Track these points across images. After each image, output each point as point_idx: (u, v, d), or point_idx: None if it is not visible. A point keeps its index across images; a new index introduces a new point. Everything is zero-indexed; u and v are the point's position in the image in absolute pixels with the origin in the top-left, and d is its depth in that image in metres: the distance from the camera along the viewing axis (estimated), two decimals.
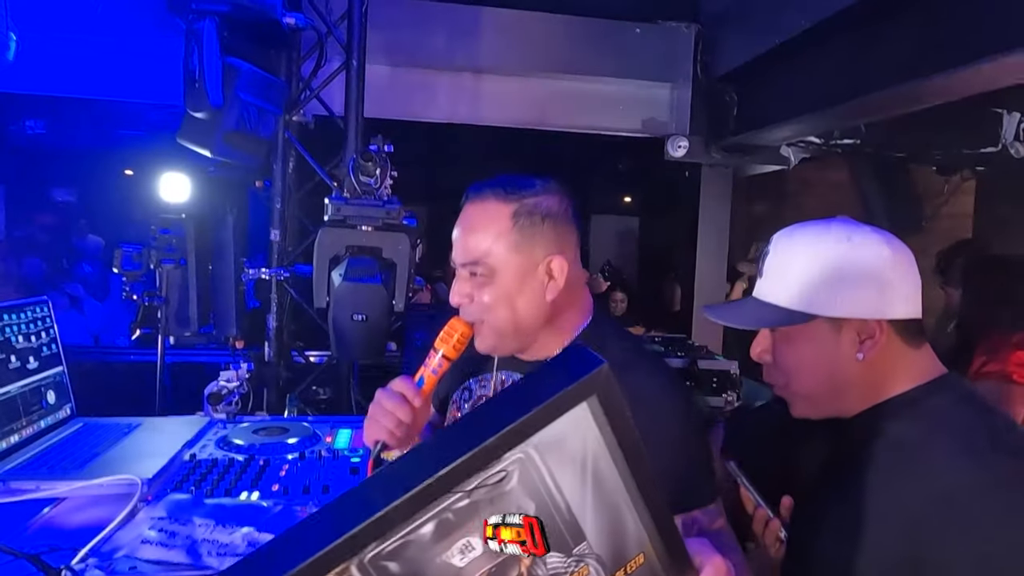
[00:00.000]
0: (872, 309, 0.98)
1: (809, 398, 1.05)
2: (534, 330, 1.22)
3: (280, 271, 2.84)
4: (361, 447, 1.60)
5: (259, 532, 1.11)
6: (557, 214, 1.20)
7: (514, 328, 1.20)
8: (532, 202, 1.18)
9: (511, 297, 1.18)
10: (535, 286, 1.19)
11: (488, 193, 1.20)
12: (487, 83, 4.02)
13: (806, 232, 1.04)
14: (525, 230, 1.17)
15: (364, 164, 2.37)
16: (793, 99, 3.59)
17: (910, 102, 3.03)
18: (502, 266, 1.17)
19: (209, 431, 1.67)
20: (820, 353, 1.01)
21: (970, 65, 2.41)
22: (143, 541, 1.07)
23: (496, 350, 1.25)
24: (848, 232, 1.01)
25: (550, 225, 1.19)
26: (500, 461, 0.59)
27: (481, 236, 1.18)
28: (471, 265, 1.19)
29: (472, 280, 1.19)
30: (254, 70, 2.32)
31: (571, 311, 1.25)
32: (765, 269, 1.06)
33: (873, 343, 0.98)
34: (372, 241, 2.40)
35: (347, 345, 2.41)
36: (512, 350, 1.25)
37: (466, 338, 1.19)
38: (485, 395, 1.35)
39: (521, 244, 1.17)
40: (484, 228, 1.18)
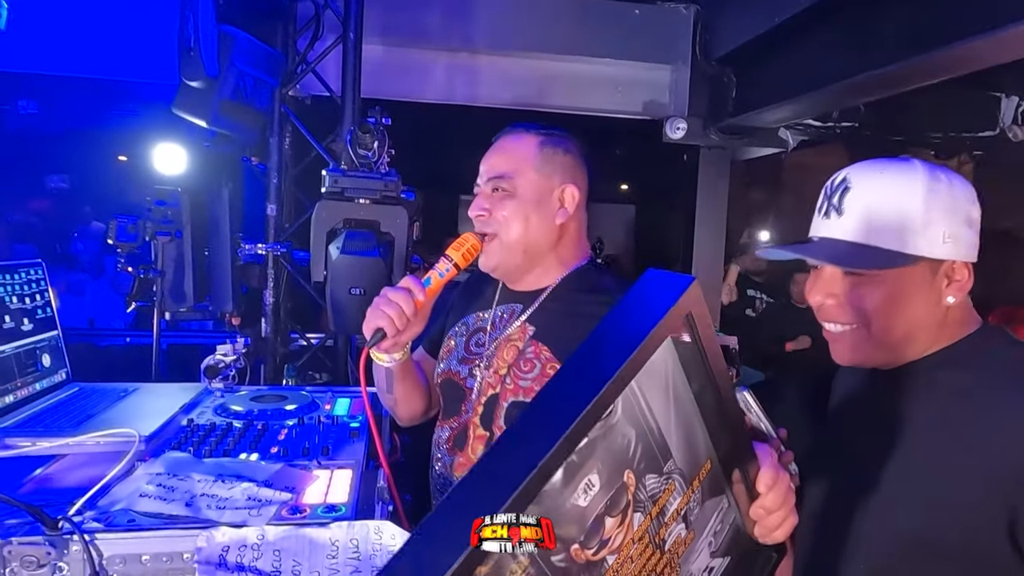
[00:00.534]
0: (966, 251, 0.95)
1: (883, 343, 0.99)
2: (539, 253, 1.34)
3: (276, 246, 2.81)
4: (360, 413, 1.59)
5: (259, 487, 1.10)
6: (575, 152, 1.37)
7: (523, 246, 1.32)
8: (557, 139, 1.36)
9: (527, 214, 1.31)
10: (549, 209, 1.32)
11: (520, 129, 1.38)
12: (484, 63, 3.99)
13: (895, 170, 0.98)
14: (547, 157, 1.34)
15: (362, 136, 2.34)
16: (792, 79, 3.57)
17: (909, 80, 3.02)
18: (524, 183, 1.31)
19: (207, 399, 1.65)
20: (913, 296, 0.96)
21: (969, 40, 2.41)
22: (141, 495, 1.06)
23: (499, 269, 1.35)
24: (938, 171, 0.96)
25: (569, 159, 1.36)
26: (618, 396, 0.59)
27: (509, 156, 1.33)
28: (496, 180, 1.32)
29: (493, 196, 1.32)
30: (250, 39, 2.30)
31: (573, 247, 1.37)
32: (848, 207, 0.98)
33: (960, 286, 0.95)
34: (370, 214, 2.38)
35: (345, 319, 2.39)
36: (513, 271, 1.35)
37: (475, 251, 1.31)
38: (483, 327, 1.41)
39: (543, 167, 1.33)
40: (513, 150, 1.34)
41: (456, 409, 1.41)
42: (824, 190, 1.03)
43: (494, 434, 1.34)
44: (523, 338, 1.34)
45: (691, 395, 0.68)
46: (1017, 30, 2.23)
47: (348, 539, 0.99)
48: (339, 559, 0.97)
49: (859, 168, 1.00)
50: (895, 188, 0.96)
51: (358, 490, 1.15)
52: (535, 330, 1.33)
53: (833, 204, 1.00)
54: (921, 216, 0.94)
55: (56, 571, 0.93)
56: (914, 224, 0.94)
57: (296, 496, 1.10)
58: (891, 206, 0.95)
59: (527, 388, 1.30)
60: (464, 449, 1.37)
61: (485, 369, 1.36)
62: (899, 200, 0.95)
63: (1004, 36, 2.29)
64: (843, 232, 0.98)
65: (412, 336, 1.30)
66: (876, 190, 0.97)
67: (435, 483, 1.45)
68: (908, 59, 2.71)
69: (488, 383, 1.35)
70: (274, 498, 1.07)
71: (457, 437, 1.39)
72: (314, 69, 3.01)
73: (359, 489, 1.16)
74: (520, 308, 1.37)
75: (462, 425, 1.38)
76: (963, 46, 2.46)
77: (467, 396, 1.38)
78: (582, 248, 1.40)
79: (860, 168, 1.00)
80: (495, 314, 1.40)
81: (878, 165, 1.00)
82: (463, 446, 1.37)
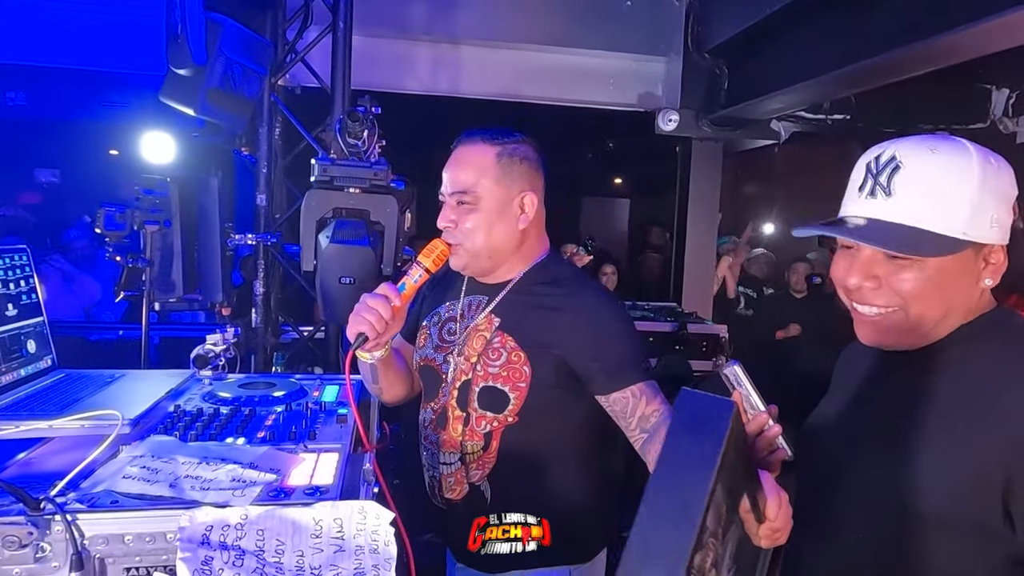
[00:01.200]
0: (1004, 234, 0.94)
1: (916, 328, 0.97)
2: (503, 254, 1.46)
3: (267, 236, 2.80)
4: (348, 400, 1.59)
5: (244, 468, 1.09)
6: (531, 159, 1.47)
7: (488, 252, 1.44)
8: (512, 147, 1.44)
9: (490, 223, 1.42)
10: (510, 216, 1.43)
11: (477, 138, 1.45)
12: (475, 55, 3.98)
13: (948, 150, 0.94)
14: (505, 168, 1.43)
15: (351, 124, 2.34)
16: (783, 70, 3.58)
17: (900, 70, 3.03)
18: (485, 195, 1.41)
19: (194, 386, 1.64)
20: (956, 281, 0.94)
21: (959, 29, 2.41)
22: (124, 476, 1.05)
23: (467, 268, 1.48)
24: (988, 153, 0.95)
25: (526, 167, 1.45)
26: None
27: (469, 170, 1.42)
28: (459, 194, 1.42)
29: (458, 208, 1.43)
30: (238, 27, 2.28)
31: (533, 244, 1.49)
32: (898, 188, 0.94)
33: (996, 269, 0.95)
34: (359, 203, 2.38)
35: (335, 308, 2.39)
36: (481, 270, 1.48)
37: (445, 256, 1.42)
38: (453, 316, 1.54)
39: (502, 179, 1.42)
40: (472, 164, 1.42)
41: (435, 393, 1.53)
42: (867, 167, 0.98)
43: (470, 415, 1.46)
44: (490, 328, 1.47)
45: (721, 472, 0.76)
46: (1006, 19, 2.24)
47: (332, 519, 0.99)
48: (323, 539, 0.97)
49: (909, 146, 0.95)
50: (951, 170, 0.93)
51: (344, 473, 1.15)
52: (500, 321, 1.46)
53: (880, 183, 0.95)
54: (976, 201, 0.92)
55: (38, 551, 0.93)
56: (969, 209, 0.92)
57: (281, 478, 1.10)
58: (948, 189, 0.92)
59: (495, 375, 1.43)
60: (446, 428, 1.50)
61: (458, 356, 1.48)
62: (955, 183, 0.92)
63: (994, 25, 2.30)
64: (894, 215, 0.94)
65: (391, 336, 1.41)
66: (931, 171, 0.93)
67: (425, 459, 1.57)
68: (899, 48, 2.72)
69: (461, 370, 1.47)
70: (258, 479, 1.07)
71: (438, 418, 1.52)
72: (303, 59, 3.00)
73: (345, 472, 1.15)
74: (486, 300, 1.50)
75: (441, 407, 1.51)
76: (953, 35, 2.46)
77: (443, 381, 1.51)
78: (541, 243, 1.53)
79: (910, 146, 0.95)
80: (463, 304, 1.53)
81: (928, 143, 0.95)
82: (444, 426, 1.50)
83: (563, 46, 4.07)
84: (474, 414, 1.46)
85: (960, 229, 0.92)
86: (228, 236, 2.70)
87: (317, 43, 3.00)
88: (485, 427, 1.46)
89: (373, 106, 2.43)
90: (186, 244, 2.52)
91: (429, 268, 1.39)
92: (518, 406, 1.43)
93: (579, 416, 1.48)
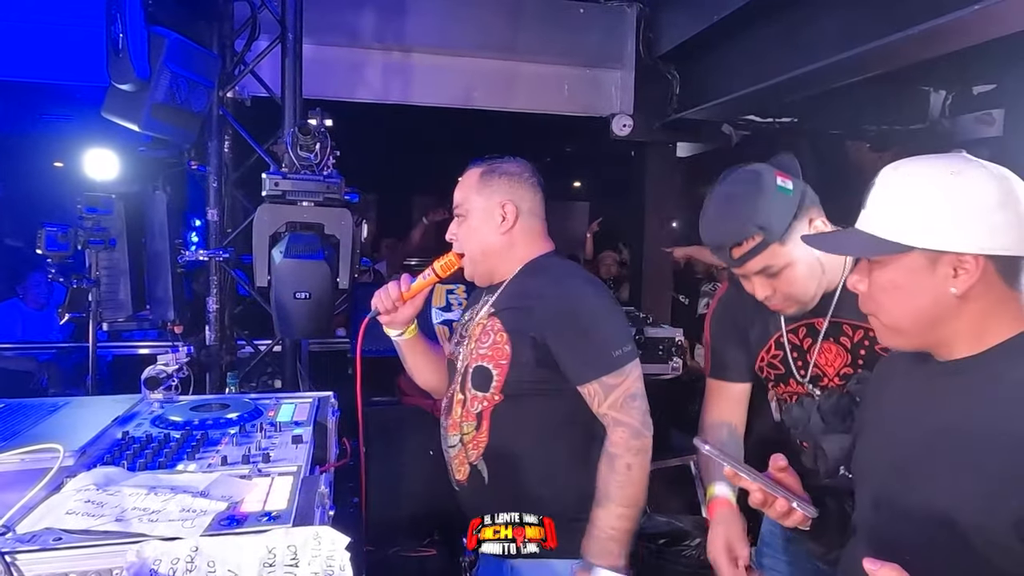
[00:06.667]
0: (969, 243, 0.96)
1: (896, 329, 1.05)
2: (496, 256, 1.65)
3: (219, 252, 2.75)
4: (306, 417, 1.58)
5: (194, 498, 1.07)
6: (513, 174, 1.67)
7: (481, 255, 1.65)
8: (495, 165, 1.68)
9: (478, 230, 1.64)
10: (492, 222, 1.63)
11: (473, 165, 1.70)
12: (426, 63, 3.97)
13: (913, 165, 1.03)
14: (486, 182, 1.66)
15: (303, 138, 2.31)
16: (732, 75, 3.65)
17: (844, 74, 3.12)
18: (471, 207, 1.65)
19: (144, 410, 1.60)
20: (913, 284, 1.00)
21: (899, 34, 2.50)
22: (67, 512, 1.02)
23: (473, 275, 1.69)
24: (958, 166, 0.99)
25: (505, 180, 1.66)
26: None
27: (461, 190, 1.68)
28: (456, 209, 1.68)
29: (456, 221, 1.68)
30: (183, 40, 2.23)
31: (526, 246, 1.66)
32: (869, 201, 1.05)
33: (968, 277, 0.96)
34: (313, 217, 2.35)
35: (290, 324, 2.35)
36: (481, 274, 1.68)
37: (453, 264, 1.66)
38: (471, 317, 1.72)
39: (483, 191, 1.65)
40: (463, 184, 1.69)
41: (451, 382, 1.73)
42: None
43: (466, 397, 1.63)
44: (486, 317, 1.65)
45: None
46: (942, 24, 2.33)
47: (286, 546, 0.98)
48: (276, 567, 0.96)
49: (891, 165, 1.05)
50: (902, 182, 1.02)
51: (298, 496, 1.13)
52: (494, 310, 1.64)
53: (864, 199, 1.07)
54: (916, 207, 0.98)
55: None
56: (909, 215, 0.99)
57: (233, 505, 1.07)
58: (894, 199, 1.01)
59: (483, 355, 1.60)
60: (450, 412, 1.68)
61: (465, 347, 1.68)
62: (900, 194, 1.01)
63: (931, 31, 2.39)
64: (862, 224, 1.06)
65: (403, 319, 1.72)
66: (888, 185, 1.03)
67: (442, 444, 1.73)
68: (843, 53, 2.80)
69: (466, 357, 1.66)
70: (209, 508, 1.04)
71: (447, 405, 1.71)
72: (253, 70, 2.95)
73: (299, 495, 1.14)
74: (490, 299, 1.68)
75: (451, 394, 1.70)
76: (891, 41, 2.55)
77: (457, 370, 1.69)
78: (537, 245, 1.68)
79: (892, 165, 1.05)
80: (478, 305, 1.73)
81: (905, 162, 1.04)
82: (450, 410, 1.69)
83: (516, 54, 4.08)
84: (468, 395, 1.62)
85: (906, 235, 0.99)
86: (179, 252, 2.63)
87: (267, 54, 2.95)
88: (476, 407, 1.60)
89: (324, 119, 2.40)
90: (134, 262, 2.45)
91: (438, 272, 1.66)
92: (500, 383, 1.55)
93: (568, 392, 1.54)
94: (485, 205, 1.64)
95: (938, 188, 0.98)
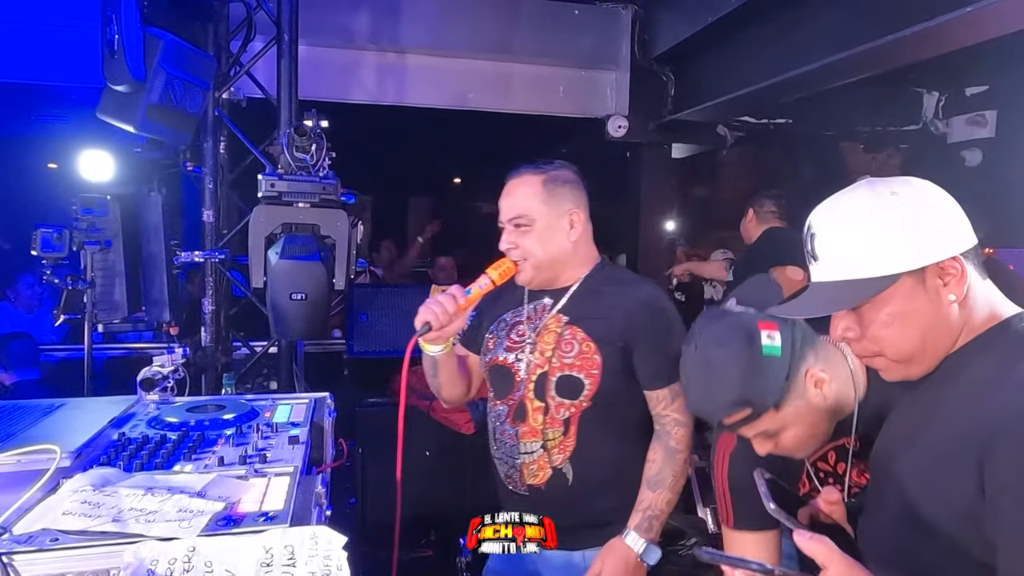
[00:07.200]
0: (944, 248, 0.96)
1: (908, 360, 1.02)
2: (561, 264, 1.67)
3: (214, 253, 2.75)
4: (303, 418, 1.58)
5: (191, 498, 1.07)
6: (573, 181, 1.70)
7: (548, 263, 1.65)
8: (554, 173, 1.67)
9: (546, 240, 1.63)
10: (562, 232, 1.65)
11: (524, 170, 1.68)
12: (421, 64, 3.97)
13: (846, 203, 1.02)
14: (552, 192, 1.65)
15: (298, 139, 2.31)
16: (726, 77, 3.67)
17: (838, 76, 3.14)
18: (538, 217, 1.63)
19: (140, 412, 1.60)
20: (912, 309, 0.98)
21: (894, 35, 2.52)
22: (64, 513, 1.02)
23: (532, 282, 1.68)
24: (886, 187, 1.00)
25: (568, 188, 1.67)
26: None
27: (521, 199, 1.64)
28: (516, 219, 1.63)
29: (516, 231, 1.64)
30: (178, 41, 2.23)
31: (585, 252, 1.71)
32: (819, 252, 1.03)
33: (957, 279, 0.97)
34: (309, 218, 2.35)
35: (286, 325, 2.35)
36: (543, 280, 1.68)
37: (510, 272, 1.62)
38: (520, 320, 1.73)
39: (549, 201, 1.64)
40: (523, 194, 1.65)
41: (508, 389, 1.70)
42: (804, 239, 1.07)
43: (548, 404, 1.64)
44: (559, 325, 1.66)
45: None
46: (936, 26, 2.35)
47: (283, 546, 0.98)
48: (274, 567, 0.96)
49: (818, 213, 1.05)
50: (845, 220, 1.01)
51: (295, 496, 1.13)
52: (568, 318, 1.66)
53: (810, 252, 1.06)
54: (884, 235, 0.98)
55: None
56: (882, 245, 0.98)
57: (230, 505, 1.08)
58: (855, 238, 1.00)
59: (570, 364, 1.63)
60: (525, 420, 1.67)
61: (530, 354, 1.66)
62: (852, 230, 1.00)
63: (924, 32, 2.41)
64: (826, 274, 1.04)
65: (454, 331, 1.63)
66: (836, 229, 1.02)
67: (501, 450, 1.72)
68: (836, 55, 2.82)
69: (536, 364, 1.65)
70: (206, 508, 1.05)
71: (516, 411, 1.68)
72: (248, 71, 2.95)
73: (296, 495, 1.14)
74: (551, 303, 1.70)
75: (519, 400, 1.68)
76: (887, 43, 2.57)
77: (516, 377, 1.68)
78: (593, 251, 1.75)
79: (819, 212, 1.05)
80: (528, 309, 1.73)
81: (830, 203, 1.04)
82: (524, 418, 1.67)
83: (511, 55, 4.09)
84: (552, 403, 1.64)
85: (883, 266, 0.97)
86: (174, 254, 2.63)
87: (262, 55, 2.95)
88: (563, 414, 1.63)
89: (320, 120, 2.41)
90: (129, 263, 2.45)
91: (495, 280, 1.61)
92: (592, 391, 1.61)
93: (639, 394, 1.67)
94: (553, 214, 1.64)
95: (891, 210, 0.98)
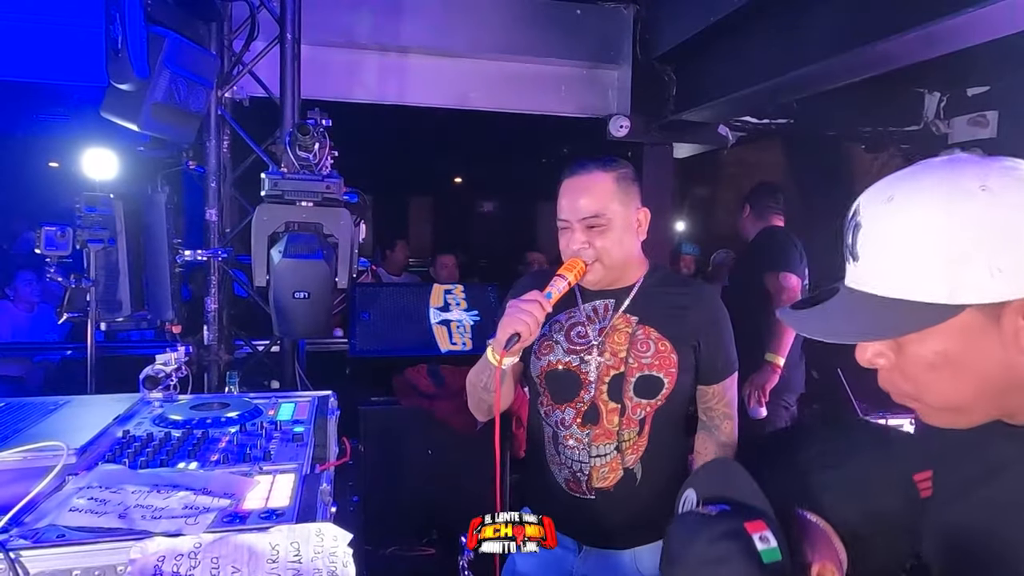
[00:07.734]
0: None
1: (954, 409, 0.76)
2: (629, 263, 1.65)
3: (217, 252, 2.75)
4: (306, 417, 1.58)
5: (197, 495, 1.08)
6: (636, 179, 1.66)
7: (621, 262, 1.62)
8: (623, 171, 1.63)
9: (620, 239, 1.60)
10: (632, 230, 1.64)
11: (592, 167, 1.61)
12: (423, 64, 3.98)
13: (912, 190, 0.72)
14: (623, 189, 1.61)
15: (301, 137, 2.31)
16: (728, 77, 3.67)
17: (840, 76, 3.14)
18: (613, 216, 1.58)
19: (144, 409, 1.61)
20: (971, 352, 0.71)
21: (896, 36, 2.52)
22: (71, 509, 1.02)
23: (601, 282, 1.63)
24: (976, 174, 0.70)
25: (634, 186, 1.65)
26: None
27: (596, 197, 1.58)
28: (591, 219, 1.58)
29: (590, 231, 1.58)
30: (182, 40, 2.24)
31: (642, 253, 1.70)
32: (861, 251, 0.75)
33: None
34: (312, 216, 2.36)
35: (289, 323, 2.36)
36: (609, 280, 1.64)
37: (582, 273, 1.58)
38: (579, 321, 1.67)
39: (623, 199, 1.60)
40: (597, 191, 1.59)
41: (574, 392, 1.64)
42: (845, 224, 0.80)
43: (625, 405, 1.61)
44: (629, 325, 1.63)
45: None
46: (937, 27, 2.35)
47: (289, 543, 0.99)
48: (280, 564, 0.97)
49: (868, 195, 0.77)
50: (906, 215, 0.71)
51: (300, 494, 1.14)
52: (638, 318, 1.64)
53: (848, 247, 0.78)
54: (955, 249, 0.68)
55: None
56: (950, 261, 0.68)
57: (236, 502, 1.08)
58: (906, 241, 0.71)
59: (649, 364, 1.60)
60: (599, 422, 1.62)
61: (599, 355, 1.62)
62: (913, 231, 0.70)
63: (926, 33, 2.41)
64: (865, 282, 0.75)
65: (532, 340, 1.52)
66: (888, 222, 0.73)
67: (564, 457, 1.66)
68: (838, 56, 2.82)
69: (608, 365, 1.62)
70: (212, 505, 1.05)
71: (587, 413, 1.63)
72: (251, 70, 2.95)
73: (301, 493, 1.14)
74: (613, 303, 1.66)
75: (590, 402, 1.63)
76: (884, 44, 2.57)
77: (583, 379, 1.63)
78: (647, 254, 1.75)
79: (869, 195, 0.77)
80: (586, 310, 1.68)
81: (889, 186, 0.75)
82: (597, 420, 1.62)
83: (512, 55, 4.09)
84: (630, 403, 1.61)
85: (946, 291, 0.69)
86: (177, 252, 2.63)
87: (265, 54, 2.96)
88: (640, 413, 1.62)
89: (324, 119, 2.41)
90: (132, 262, 2.45)
91: (571, 281, 1.56)
92: (670, 390, 1.61)
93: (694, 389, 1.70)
94: (627, 213, 1.62)
95: (974, 213, 0.68)
